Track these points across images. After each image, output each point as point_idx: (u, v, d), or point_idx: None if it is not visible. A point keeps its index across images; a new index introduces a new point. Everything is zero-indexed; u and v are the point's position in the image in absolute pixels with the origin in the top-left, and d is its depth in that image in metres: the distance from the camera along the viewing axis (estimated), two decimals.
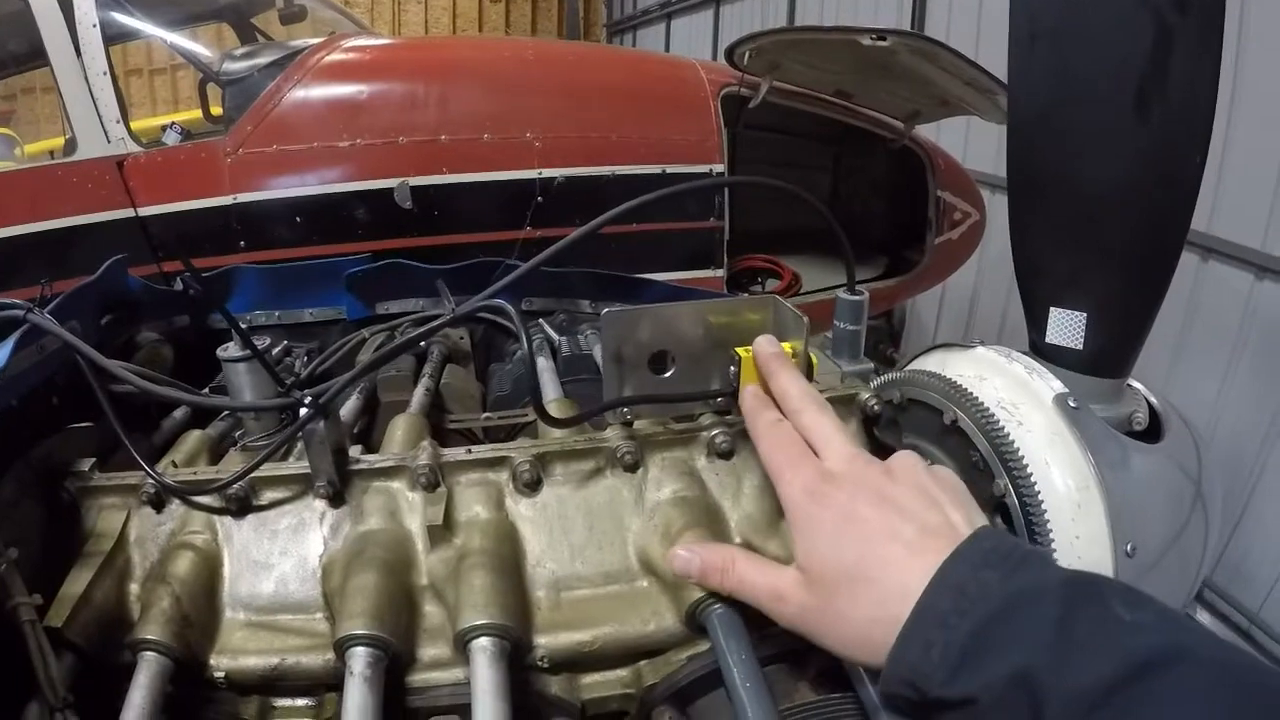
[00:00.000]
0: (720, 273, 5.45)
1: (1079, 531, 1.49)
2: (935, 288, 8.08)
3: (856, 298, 1.81)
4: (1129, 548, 1.49)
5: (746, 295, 1.45)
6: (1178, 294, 6.89)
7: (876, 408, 1.63)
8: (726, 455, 1.54)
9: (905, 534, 1.11)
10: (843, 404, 1.62)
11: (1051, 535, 1.55)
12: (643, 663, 1.37)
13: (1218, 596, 6.75)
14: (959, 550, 1.05)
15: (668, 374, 1.50)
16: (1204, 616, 6.80)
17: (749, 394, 1.41)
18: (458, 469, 1.48)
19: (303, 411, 1.37)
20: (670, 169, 5.23)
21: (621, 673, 1.38)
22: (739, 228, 5.59)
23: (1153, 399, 1.84)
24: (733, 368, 1.47)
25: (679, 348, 1.49)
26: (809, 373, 1.51)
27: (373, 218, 4.76)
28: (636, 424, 1.55)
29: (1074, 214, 1.63)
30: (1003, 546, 1.05)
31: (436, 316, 1.95)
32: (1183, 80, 1.52)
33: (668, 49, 21.00)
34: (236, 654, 1.33)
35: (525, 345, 1.43)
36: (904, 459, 1.26)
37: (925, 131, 6.67)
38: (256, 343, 1.53)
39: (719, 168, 5.36)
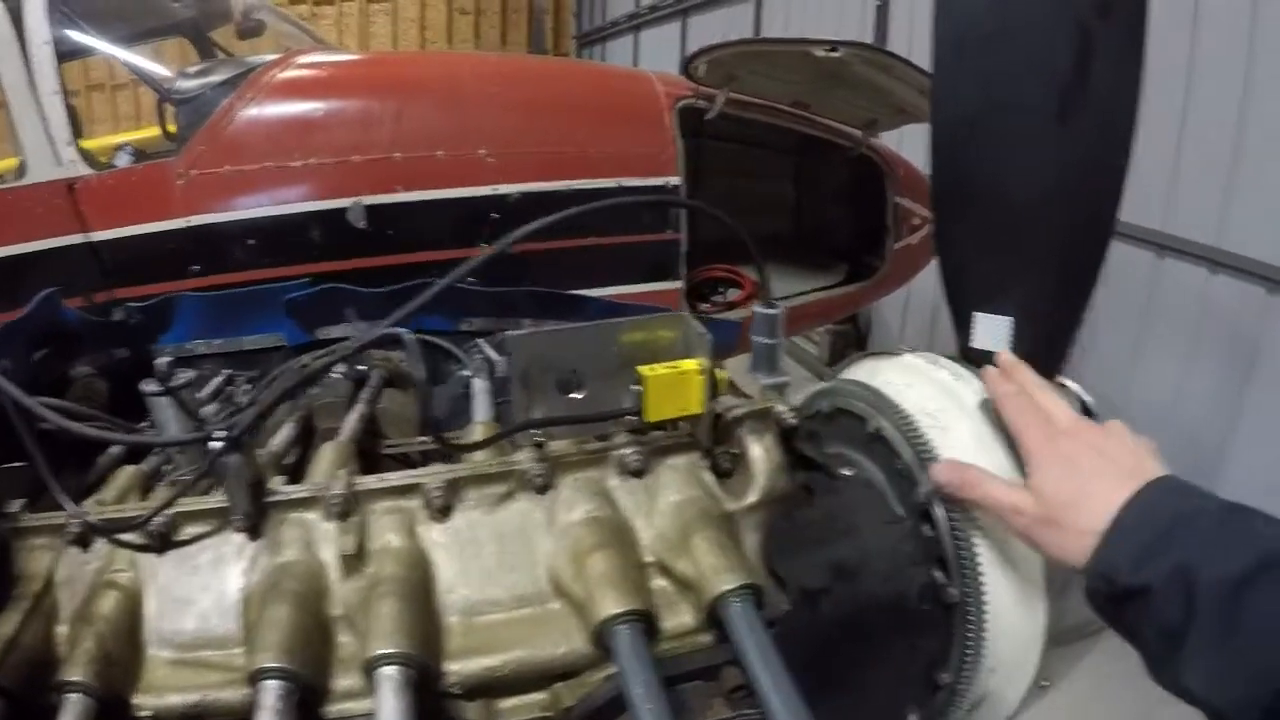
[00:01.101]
0: (679, 284, 5.38)
1: (1009, 534, 1.53)
2: (900, 292, 8.07)
3: (771, 311, 1.82)
4: None
5: (656, 314, 1.45)
6: (1135, 291, 6.95)
7: (792, 420, 1.63)
8: (639, 474, 1.54)
9: (1110, 472, 1.41)
10: (759, 418, 1.61)
11: (975, 540, 1.56)
12: (560, 685, 1.37)
13: None
14: (1148, 484, 1.36)
15: (578, 395, 1.49)
16: None
17: (990, 371, 1.66)
18: (371, 497, 1.47)
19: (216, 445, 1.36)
20: (626, 182, 5.16)
21: (540, 696, 1.37)
22: (702, 238, 5.51)
23: (1086, 397, 1.86)
24: (636, 386, 1.46)
25: (589, 368, 1.49)
26: (715, 389, 1.51)
27: (327, 238, 4.65)
28: (553, 445, 1.54)
29: (998, 219, 1.65)
30: (1181, 485, 1.39)
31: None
32: (1106, 85, 1.54)
33: (636, 61, 21.05)
34: (161, 692, 1.32)
35: (416, 371, 1.43)
36: (1116, 424, 1.55)
37: (889, 139, 6.69)
38: (188, 374, 1.51)
39: (675, 180, 5.31)
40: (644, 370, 1.46)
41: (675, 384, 1.48)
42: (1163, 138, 6.94)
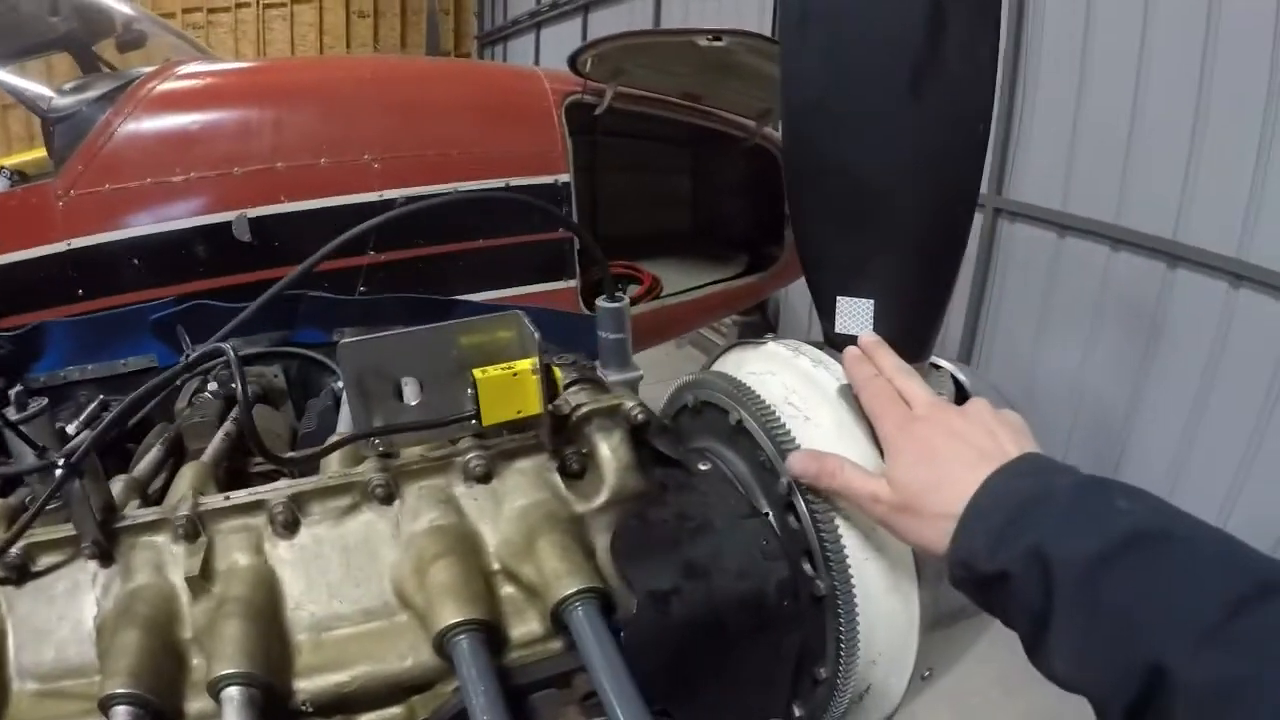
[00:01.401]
0: (574, 283, 5.36)
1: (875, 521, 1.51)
2: (803, 279, 8.13)
3: (615, 305, 1.80)
4: None
5: (494, 314, 1.43)
6: (1038, 269, 7.06)
7: (640, 416, 1.61)
8: (484, 479, 1.52)
9: (965, 456, 1.39)
10: (607, 415, 1.60)
11: (841, 531, 1.56)
12: (415, 698, 1.34)
13: None
14: (1003, 466, 1.34)
15: (416, 401, 1.47)
16: None
17: (850, 353, 1.66)
18: (217, 517, 1.44)
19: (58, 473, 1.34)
20: (514, 181, 5.14)
21: (395, 710, 1.34)
22: (601, 235, 5.45)
23: (961, 377, 1.86)
24: (470, 390, 1.44)
25: (428, 372, 1.46)
26: (554, 390, 1.50)
27: (213, 254, 4.58)
28: (404, 453, 1.53)
29: (853, 200, 1.63)
30: (1039, 463, 1.36)
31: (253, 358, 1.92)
32: (959, 57, 1.52)
33: (538, 59, 21.07)
34: None
35: (239, 388, 1.40)
36: (976, 403, 1.54)
37: None
38: (39, 403, 1.48)
39: (564, 178, 5.27)
40: (476, 372, 1.44)
41: (509, 385, 1.45)
42: (1060, 120, 7.03)
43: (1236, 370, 6.02)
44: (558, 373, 1.55)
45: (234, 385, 2.22)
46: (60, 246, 4.38)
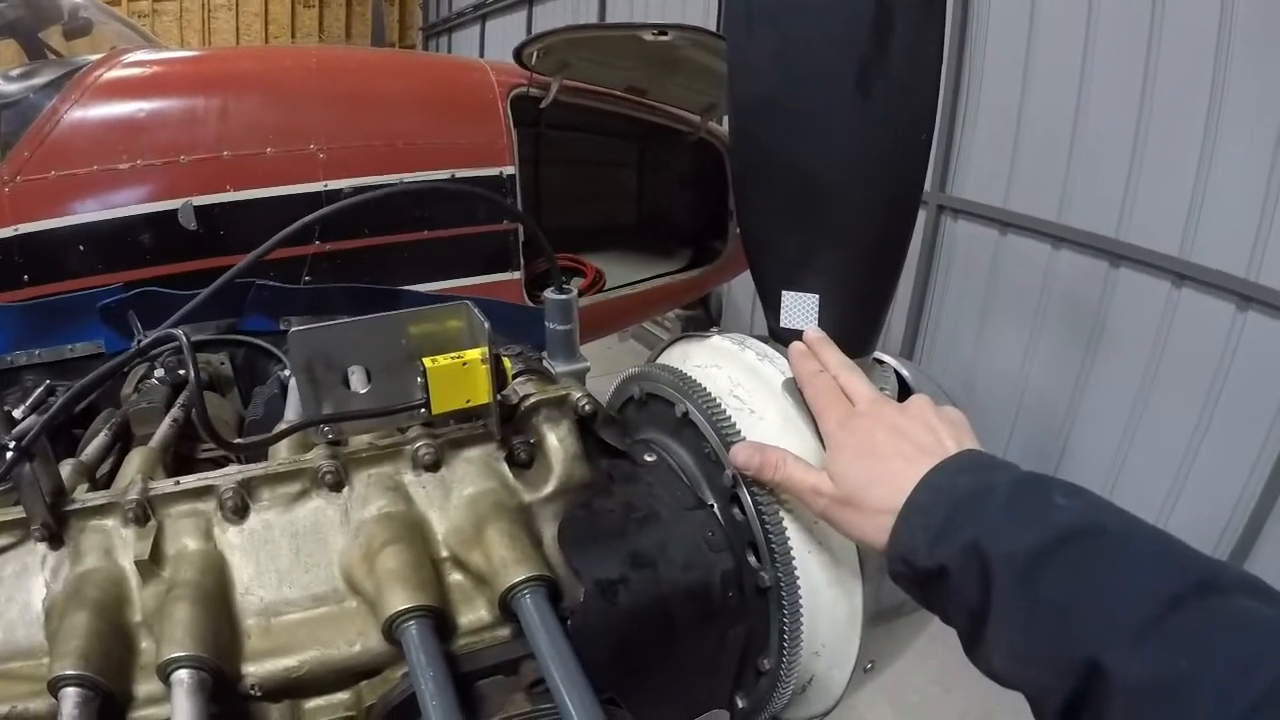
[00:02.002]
0: (518, 275, 5.37)
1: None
2: (749, 274, 8.14)
3: (563, 297, 1.82)
4: None
5: (443, 304, 1.44)
6: (980, 267, 7.11)
7: (588, 407, 1.63)
8: (433, 467, 1.53)
9: (905, 451, 1.42)
10: (554, 405, 1.61)
11: (785, 524, 1.58)
12: (363, 683, 1.36)
13: None
14: (942, 462, 1.36)
15: (365, 389, 1.48)
16: None
17: (795, 348, 1.67)
18: (167, 501, 1.44)
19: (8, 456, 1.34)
20: (459, 173, 5.14)
21: (343, 695, 1.36)
22: (546, 227, 5.42)
23: (905, 372, 1.88)
24: (419, 379, 1.46)
25: (377, 361, 1.48)
26: (502, 380, 1.51)
27: (159, 242, 4.56)
28: (352, 442, 1.54)
29: (798, 195, 1.64)
30: (979, 460, 1.37)
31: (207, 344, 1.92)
32: (905, 56, 1.54)
33: (482, 51, 21.04)
34: None
35: (191, 373, 1.41)
36: (917, 400, 1.55)
37: None
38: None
39: (509, 170, 5.28)
40: (426, 361, 1.45)
41: (459, 374, 1.46)
42: (1003, 120, 7.08)
43: (1178, 369, 6.09)
44: (507, 363, 1.56)
45: (181, 372, 2.23)
46: (6, 232, 4.35)
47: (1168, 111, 6.01)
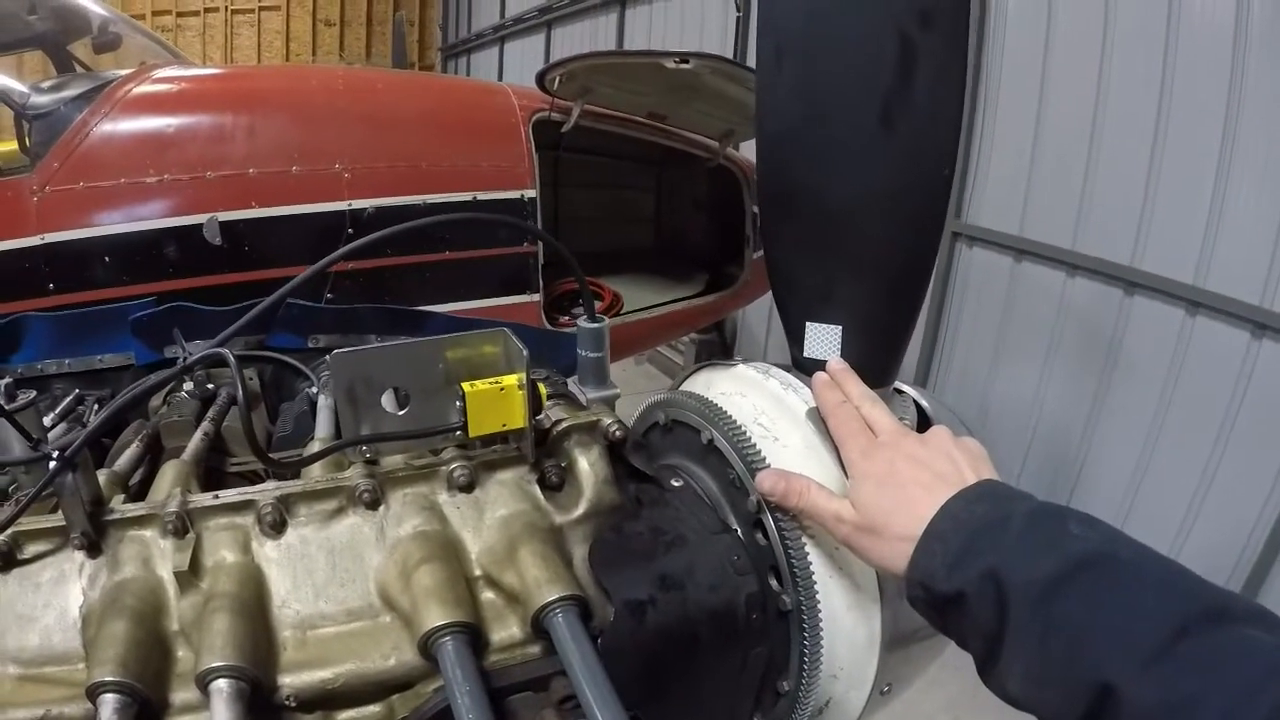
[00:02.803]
0: (536, 298, 5.41)
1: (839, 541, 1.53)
2: (764, 300, 8.12)
3: (596, 325, 1.82)
4: None
5: (480, 330, 1.46)
6: (995, 294, 7.07)
7: (618, 433, 1.66)
8: (467, 488, 1.56)
9: (925, 481, 1.44)
10: (586, 430, 1.64)
11: (807, 549, 1.58)
12: (395, 697, 1.38)
13: None
14: (961, 491, 1.39)
15: (404, 411, 1.51)
16: None
17: (819, 379, 1.69)
18: (206, 514, 1.48)
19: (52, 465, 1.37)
20: (481, 195, 5.17)
21: (375, 708, 1.38)
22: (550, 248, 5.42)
23: (924, 402, 1.89)
24: (459, 402, 1.49)
25: (415, 384, 1.50)
26: (538, 404, 1.54)
27: (183, 255, 4.59)
28: (385, 461, 1.57)
29: (823, 228, 1.65)
30: (997, 490, 1.40)
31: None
32: (928, 95, 1.54)
33: (501, 73, 21.03)
34: (5, 708, 1.30)
35: (240, 392, 1.43)
36: (937, 431, 1.57)
37: (749, 150, 6.73)
38: (28, 395, 1.50)
39: (530, 192, 5.32)
40: (465, 385, 1.49)
41: (496, 399, 1.50)
42: (1018, 148, 7.06)
43: (1192, 397, 6.06)
44: (542, 389, 1.59)
45: (210, 386, 2.26)
46: (34, 240, 4.38)
47: (1182, 139, 6.00)
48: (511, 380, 1.50)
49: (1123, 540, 1.24)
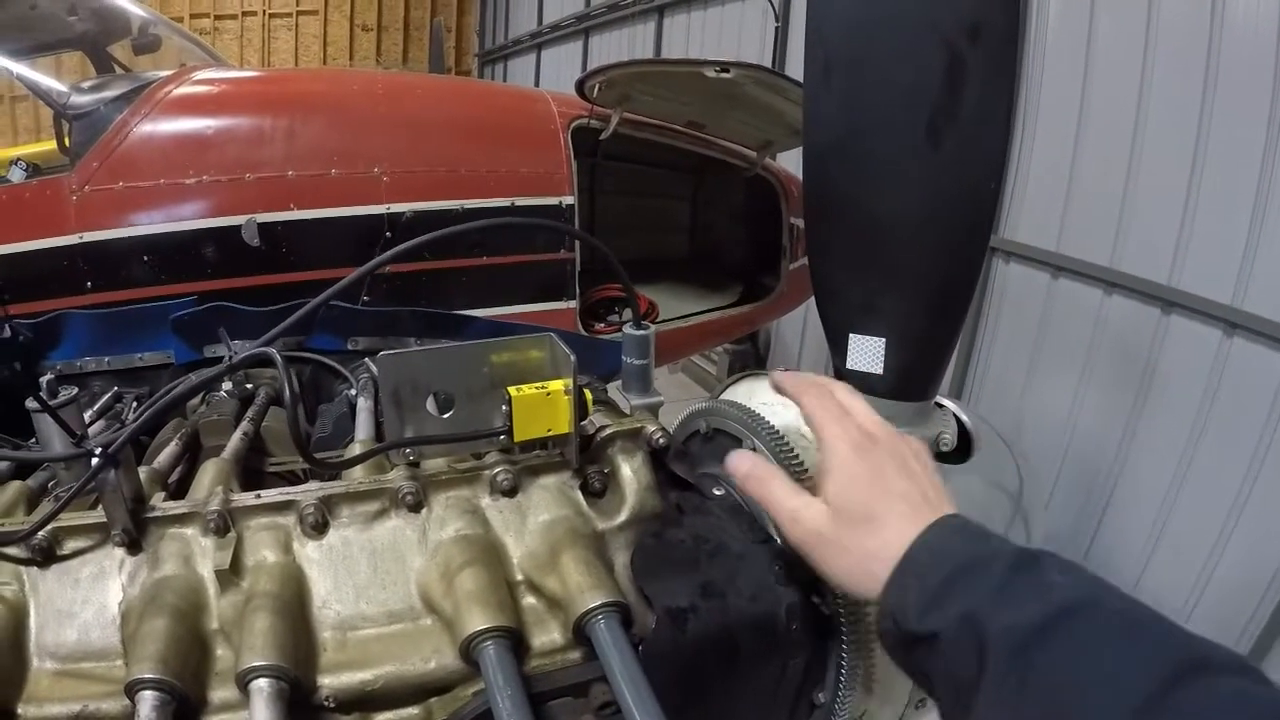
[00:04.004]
0: (573, 304, 5.38)
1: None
2: (798, 311, 8.11)
3: (642, 333, 1.83)
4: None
5: (525, 335, 1.46)
6: (1031, 310, 7.04)
7: (661, 440, 1.66)
8: (510, 493, 1.57)
9: (913, 498, 1.37)
10: (629, 437, 1.64)
11: None
12: (433, 700, 1.38)
13: None
14: (941, 520, 1.32)
15: (449, 414, 1.51)
16: None
17: (779, 374, 1.61)
18: (248, 514, 1.49)
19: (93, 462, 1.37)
20: (520, 201, 5.16)
21: (413, 710, 1.38)
22: (599, 258, 5.33)
23: (964, 417, 1.87)
24: (504, 407, 1.49)
25: (460, 388, 1.51)
26: (584, 410, 1.54)
27: (221, 256, 4.58)
28: (427, 464, 1.58)
29: (868, 241, 1.66)
30: (971, 526, 1.33)
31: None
32: (976, 108, 1.54)
33: (538, 79, 21.09)
34: (42, 703, 1.31)
35: (284, 390, 1.44)
36: (919, 442, 1.51)
37: (786, 161, 6.73)
38: (70, 391, 1.51)
39: (569, 199, 5.30)
40: (511, 390, 1.49)
41: (542, 404, 1.50)
42: (1057, 163, 7.03)
43: (1228, 419, 6.01)
44: (588, 395, 1.60)
45: (249, 386, 2.27)
46: (72, 239, 4.39)
47: (1222, 158, 5.96)
48: (558, 385, 1.50)
49: (1103, 587, 1.19)
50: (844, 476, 1.42)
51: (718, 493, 1.79)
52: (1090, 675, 1.06)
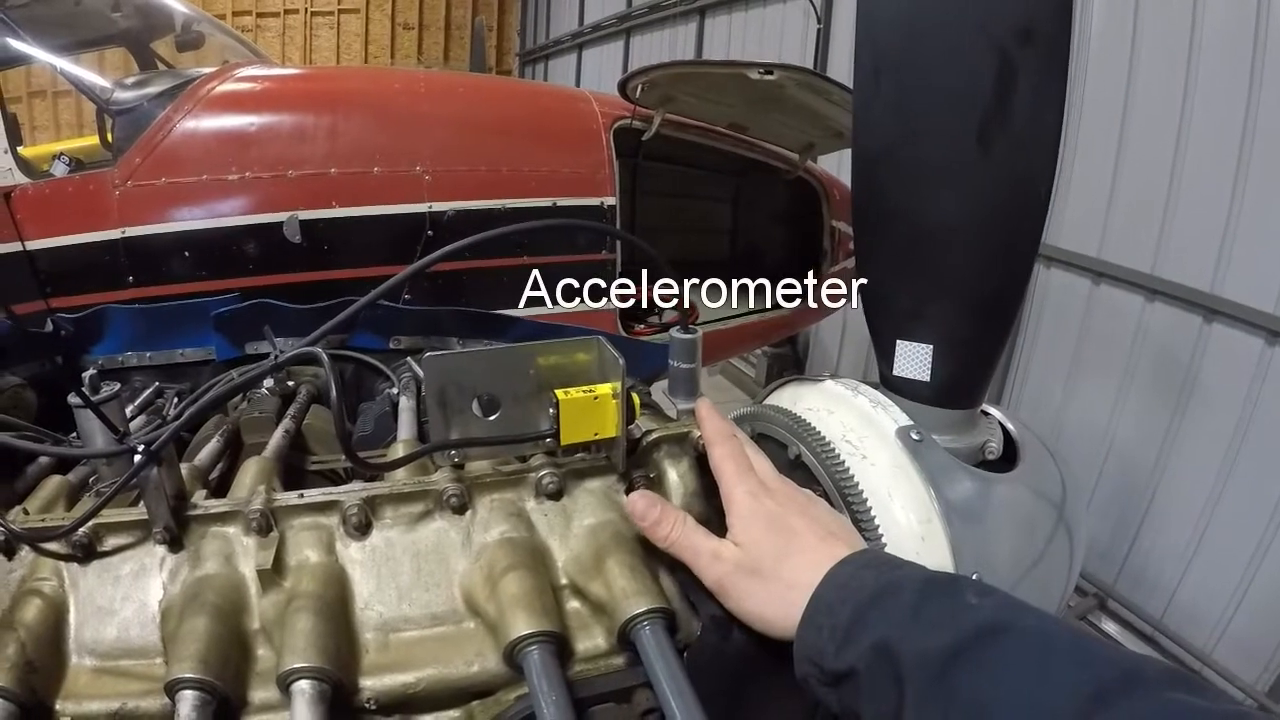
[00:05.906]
0: (614, 305, 5.37)
1: (923, 563, 1.44)
2: (837, 315, 8.10)
3: (689, 336, 1.81)
4: (974, 577, 1.50)
5: (573, 338, 1.46)
6: (1072, 316, 7.01)
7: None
8: (555, 496, 1.56)
9: (818, 532, 1.42)
10: (676, 441, 1.63)
11: None
12: (475, 703, 1.37)
13: (1121, 605, 6.93)
14: (849, 557, 1.35)
15: (494, 416, 1.50)
16: (1109, 626, 6.94)
17: (705, 403, 1.65)
18: (290, 513, 1.48)
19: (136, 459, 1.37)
20: (561, 201, 5.16)
21: (455, 713, 1.37)
22: (640, 259, 5.35)
23: (1010, 426, 1.86)
24: (551, 409, 1.49)
25: (506, 390, 1.51)
26: (631, 414, 1.53)
27: (262, 252, 4.57)
28: (472, 466, 1.57)
29: (917, 247, 1.65)
30: (880, 556, 1.37)
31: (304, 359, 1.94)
32: (1026, 113, 1.53)
33: (579, 79, 21.13)
34: (81, 699, 1.32)
35: (329, 389, 1.43)
36: (814, 494, 1.57)
37: (828, 163, 6.71)
38: (112, 387, 1.51)
39: (610, 200, 5.30)
40: (559, 393, 1.48)
41: (589, 407, 1.49)
42: (1100, 169, 6.99)
43: (1269, 429, 5.99)
44: (636, 399, 1.59)
45: (290, 383, 2.27)
46: (114, 234, 4.39)
47: (1265, 166, 5.93)
48: (606, 389, 1.50)
49: (1025, 609, 1.19)
50: (749, 521, 1.45)
51: None
52: (1014, 697, 1.06)
